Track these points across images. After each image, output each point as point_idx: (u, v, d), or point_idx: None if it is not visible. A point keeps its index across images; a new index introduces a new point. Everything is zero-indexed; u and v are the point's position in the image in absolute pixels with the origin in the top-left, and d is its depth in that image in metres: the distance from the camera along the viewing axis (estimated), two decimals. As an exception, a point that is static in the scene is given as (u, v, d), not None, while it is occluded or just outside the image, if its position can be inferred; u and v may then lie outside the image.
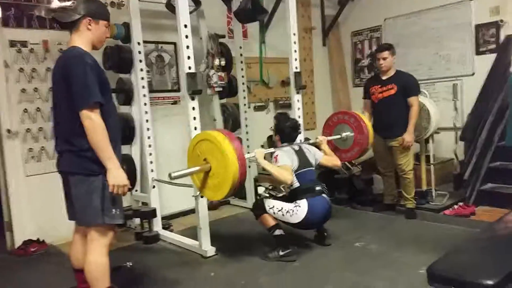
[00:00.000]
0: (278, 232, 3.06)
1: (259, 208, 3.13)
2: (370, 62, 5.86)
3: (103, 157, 2.03)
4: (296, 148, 3.18)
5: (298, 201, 2.99)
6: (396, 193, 4.12)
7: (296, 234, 3.29)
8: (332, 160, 3.34)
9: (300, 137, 3.52)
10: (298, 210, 2.97)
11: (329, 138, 3.58)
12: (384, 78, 3.88)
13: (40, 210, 3.62)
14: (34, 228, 3.60)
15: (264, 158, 2.98)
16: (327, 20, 5.99)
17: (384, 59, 3.82)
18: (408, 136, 3.75)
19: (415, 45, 5.23)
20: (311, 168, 3.16)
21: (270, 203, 3.06)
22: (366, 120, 3.66)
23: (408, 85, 3.78)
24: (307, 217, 2.96)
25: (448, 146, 4.75)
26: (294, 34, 3.76)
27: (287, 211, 2.99)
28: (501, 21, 4.48)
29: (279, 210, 3.01)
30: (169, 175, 2.47)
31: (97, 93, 2.01)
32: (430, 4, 5.04)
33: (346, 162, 4.97)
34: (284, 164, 2.98)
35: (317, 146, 3.42)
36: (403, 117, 3.78)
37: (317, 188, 3.08)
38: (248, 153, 3.02)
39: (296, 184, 3.05)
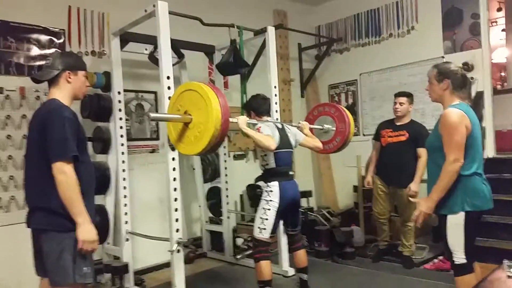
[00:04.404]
0: None
1: (256, 247, 3.01)
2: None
3: (73, 212, 1.97)
4: (279, 126, 3.16)
5: (269, 184, 3.00)
6: (389, 239, 4.13)
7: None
8: (314, 142, 3.31)
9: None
10: (271, 196, 2.96)
11: (312, 126, 3.55)
12: (397, 123, 3.93)
13: (5, 263, 3.38)
14: (-3, 283, 3.35)
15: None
16: (305, 73, 6.16)
17: (401, 104, 3.89)
18: (414, 186, 3.73)
19: (390, 98, 5.37)
20: (290, 150, 3.15)
21: (256, 231, 2.99)
22: (346, 110, 3.62)
23: (420, 135, 3.77)
24: (281, 197, 2.96)
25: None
26: (275, 87, 3.84)
27: (264, 211, 2.96)
28: (472, 78, 4.70)
29: (262, 222, 2.96)
30: (148, 114, 2.37)
31: (74, 148, 1.99)
32: (403, 60, 5.27)
33: (325, 213, 4.97)
34: (268, 134, 2.93)
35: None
36: (410, 165, 3.78)
37: (290, 173, 3.11)
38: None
39: (272, 165, 3.03)
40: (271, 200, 2.96)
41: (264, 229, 2.95)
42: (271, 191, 2.98)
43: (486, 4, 4.74)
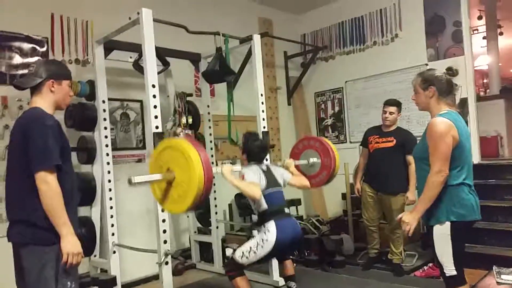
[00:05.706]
0: None
1: (231, 266, 2.93)
2: (333, 121, 6.03)
3: (57, 223, 1.90)
4: (264, 168, 3.07)
5: (266, 224, 2.84)
6: (379, 247, 4.10)
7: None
8: (301, 180, 3.24)
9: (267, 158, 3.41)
10: (268, 236, 2.80)
11: (297, 162, 3.49)
12: (385, 130, 3.95)
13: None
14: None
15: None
16: (291, 81, 6.17)
17: (391, 113, 3.90)
18: (412, 195, 3.73)
19: (375, 105, 5.43)
20: (279, 188, 3.05)
21: (238, 253, 2.88)
22: (331, 143, 3.59)
23: (408, 142, 3.77)
24: (278, 239, 2.78)
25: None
26: (262, 95, 3.82)
27: (257, 245, 2.83)
28: (456, 85, 4.74)
29: (249, 252, 2.84)
30: (129, 180, 2.29)
31: (57, 156, 1.92)
32: (388, 68, 5.33)
33: (314, 221, 4.95)
34: (252, 181, 2.86)
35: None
36: (398, 172, 3.80)
37: (286, 210, 2.99)
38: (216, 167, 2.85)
39: (264, 207, 2.90)
40: (267, 240, 2.81)
41: (247, 258, 2.85)
42: (268, 231, 2.83)
43: (468, 12, 4.82)
